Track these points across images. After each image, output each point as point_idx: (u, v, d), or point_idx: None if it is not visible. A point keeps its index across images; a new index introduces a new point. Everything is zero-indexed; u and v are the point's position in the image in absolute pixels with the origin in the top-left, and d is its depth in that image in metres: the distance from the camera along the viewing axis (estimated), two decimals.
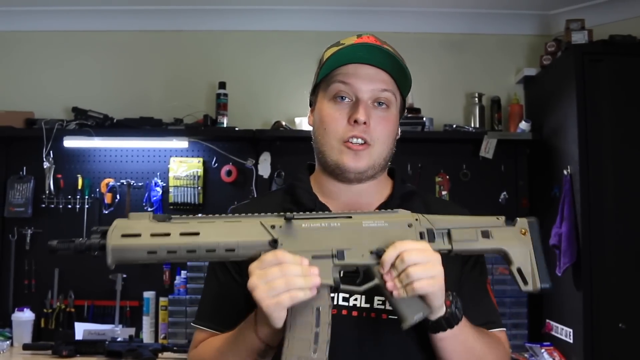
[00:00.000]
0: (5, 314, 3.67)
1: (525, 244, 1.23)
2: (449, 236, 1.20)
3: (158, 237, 1.12)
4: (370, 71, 1.34)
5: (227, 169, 3.81)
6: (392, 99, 1.37)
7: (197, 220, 1.14)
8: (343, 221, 1.18)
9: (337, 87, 1.35)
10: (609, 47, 3.27)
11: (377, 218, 1.19)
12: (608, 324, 3.06)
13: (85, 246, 1.17)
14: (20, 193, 3.77)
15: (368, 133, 1.33)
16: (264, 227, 1.15)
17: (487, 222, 1.23)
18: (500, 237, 1.22)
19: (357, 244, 1.16)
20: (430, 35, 3.97)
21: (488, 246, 1.22)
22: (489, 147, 3.67)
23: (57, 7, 3.88)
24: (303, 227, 1.16)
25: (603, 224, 3.13)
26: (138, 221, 1.14)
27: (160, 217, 1.14)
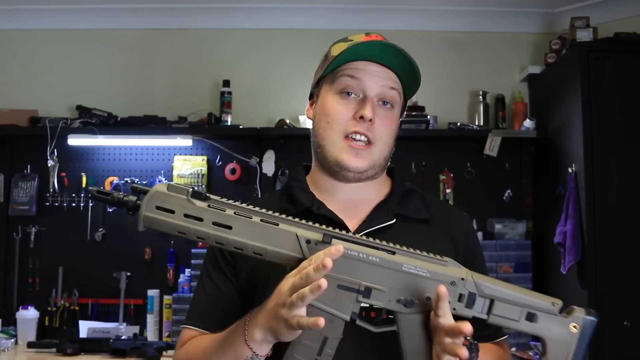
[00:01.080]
0: (10, 312, 3.68)
1: (570, 342, 1.11)
2: (490, 306, 1.10)
3: (190, 220, 1.09)
4: (378, 69, 1.33)
5: (231, 167, 3.81)
6: (397, 99, 1.36)
7: (234, 210, 1.10)
8: (383, 256, 1.09)
9: (346, 82, 1.33)
10: (614, 45, 3.27)
11: (421, 264, 1.10)
12: (613, 322, 3.05)
13: (122, 202, 1.12)
14: (24, 191, 3.77)
15: (372, 131, 1.31)
16: (298, 241, 1.09)
17: (540, 302, 1.11)
18: (546, 325, 1.11)
19: (389, 286, 1.08)
20: (435, 34, 3.96)
21: (528, 329, 1.11)
22: (493, 145, 3.66)
23: (62, 6, 3.88)
24: None
25: (608, 222, 3.12)
26: (176, 195, 1.10)
27: (199, 194, 1.11)
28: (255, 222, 1.09)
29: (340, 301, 1.08)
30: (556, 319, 1.11)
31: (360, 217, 1.36)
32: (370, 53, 1.32)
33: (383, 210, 1.36)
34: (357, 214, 1.36)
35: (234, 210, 1.10)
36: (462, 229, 1.43)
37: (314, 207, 1.35)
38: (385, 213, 1.35)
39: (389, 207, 1.36)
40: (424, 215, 1.39)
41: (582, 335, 1.11)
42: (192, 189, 1.11)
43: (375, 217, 1.35)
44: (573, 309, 1.12)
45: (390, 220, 1.34)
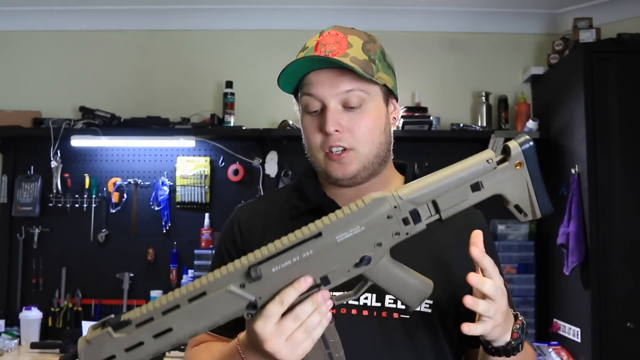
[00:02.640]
0: (13, 312, 3.69)
1: (521, 177, 1.09)
2: (436, 207, 1.07)
3: (134, 350, 1.01)
4: (331, 74, 1.28)
5: (234, 168, 3.81)
6: (363, 96, 1.28)
7: (160, 312, 1.01)
8: (315, 244, 1.03)
9: (305, 100, 1.32)
10: (617, 46, 3.26)
11: (350, 225, 1.04)
12: (616, 323, 3.05)
13: None
14: (27, 192, 3.78)
15: (344, 139, 1.27)
16: (234, 294, 1.01)
17: (476, 170, 1.09)
18: (493, 183, 1.09)
19: (339, 261, 1.04)
20: (437, 34, 3.96)
21: (481, 198, 1.08)
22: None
23: (65, 7, 3.90)
24: (274, 272, 1.02)
25: (611, 223, 3.11)
26: (100, 340, 1.01)
27: (119, 323, 1.02)
28: (186, 308, 1.01)
29: None
30: (499, 171, 1.09)
31: None
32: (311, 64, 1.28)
33: None
34: None
35: (161, 311, 1.02)
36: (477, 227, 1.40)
37: (325, 205, 1.34)
38: None
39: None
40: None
41: (529, 166, 1.09)
42: (111, 323, 1.02)
43: None
44: (507, 147, 1.09)
45: None
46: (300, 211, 1.36)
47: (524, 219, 1.11)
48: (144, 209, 3.83)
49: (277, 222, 1.38)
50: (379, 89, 1.32)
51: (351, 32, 1.32)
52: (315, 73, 1.29)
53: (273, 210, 1.41)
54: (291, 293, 1.00)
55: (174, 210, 3.82)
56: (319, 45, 1.29)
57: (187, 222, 3.81)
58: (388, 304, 1.27)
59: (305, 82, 1.31)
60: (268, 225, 1.38)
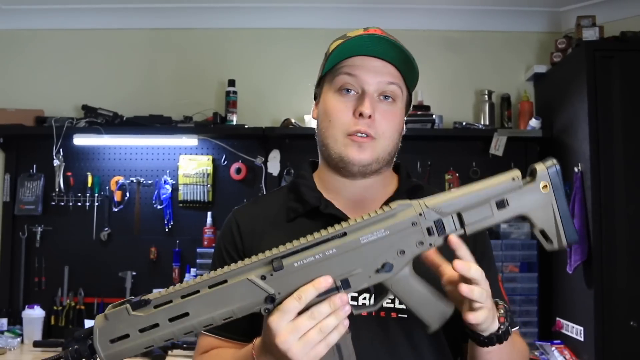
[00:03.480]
0: (16, 311, 3.69)
1: (547, 200, 1.07)
2: (461, 220, 1.06)
3: (148, 332, 1.03)
4: (377, 63, 1.31)
5: (236, 167, 3.81)
6: (399, 93, 1.33)
7: (180, 295, 1.04)
8: (338, 243, 1.04)
9: (343, 79, 1.32)
10: (620, 44, 3.25)
11: (375, 227, 1.05)
12: (619, 321, 3.04)
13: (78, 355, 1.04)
14: (30, 191, 3.79)
15: (373, 127, 1.30)
16: (254, 284, 1.03)
17: (501, 187, 1.07)
18: (518, 203, 1.07)
19: (361, 264, 1.04)
20: (440, 33, 3.96)
21: (506, 216, 1.08)
22: (499, 144, 3.65)
23: (67, 6, 3.89)
24: (296, 267, 1.03)
25: (614, 221, 3.11)
26: (118, 318, 1.03)
27: (138, 303, 1.03)
28: (205, 293, 1.03)
29: None
30: (525, 191, 1.08)
31: None
32: (365, 47, 1.30)
33: None
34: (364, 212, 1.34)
35: (180, 295, 1.04)
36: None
37: (322, 207, 1.34)
38: None
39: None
40: None
41: (555, 189, 1.08)
42: (130, 302, 1.03)
43: None
44: (533, 168, 1.08)
45: None
46: (297, 213, 1.37)
47: (549, 247, 1.09)
48: (146, 208, 3.83)
49: (274, 224, 1.38)
50: (407, 93, 1.38)
51: (392, 36, 1.35)
52: (361, 58, 1.32)
53: (270, 212, 1.41)
54: (310, 291, 1.00)
55: (176, 208, 3.82)
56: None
57: (190, 221, 3.82)
58: (386, 303, 1.26)
59: (347, 64, 1.32)
60: (266, 227, 1.38)
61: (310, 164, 1.47)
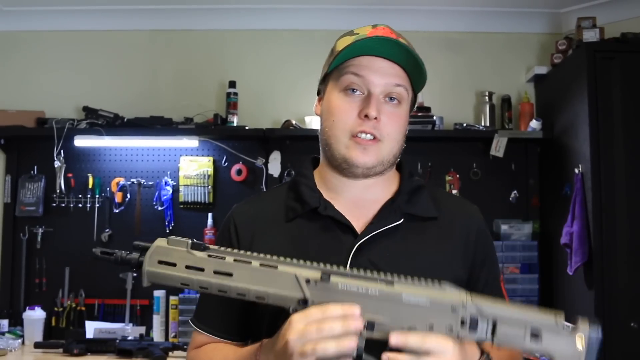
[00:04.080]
0: (17, 312, 3.69)
1: (577, 356, 1.09)
2: (494, 328, 1.07)
3: (192, 271, 1.11)
4: (384, 64, 1.29)
5: (237, 168, 3.81)
6: (404, 95, 1.32)
7: (233, 258, 1.11)
8: (382, 288, 1.08)
9: (349, 79, 1.30)
10: (620, 45, 3.26)
11: (420, 293, 1.08)
12: (620, 323, 3.04)
13: (126, 260, 1.17)
14: (31, 192, 3.79)
15: (378, 129, 1.28)
16: (298, 282, 1.08)
17: (542, 320, 1.09)
18: (551, 342, 1.08)
19: (391, 318, 1.07)
20: (441, 34, 3.96)
21: (534, 347, 1.08)
22: (499, 145, 3.65)
23: (68, 7, 3.90)
24: (339, 288, 1.07)
25: (614, 222, 3.11)
26: (176, 248, 1.13)
27: (198, 245, 1.12)
28: (254, 267, 1.10)
29: None
30: (561, 335, 1.09)
31: (367, 217, 1.34)
32: (373, 48, 1.29)
33: (391, 210, 1.34)
34: (365, 214, 1.34)
35: (234, 258, 1.11)
36: (473, 224, 1.40)
37: (321, 208, 1.33)
38: (393, 213, 1.33)
39: (397, 206, 1.34)
40: (432, 213, 1.36)
41: (589, 351, 1.10)
42: (192, 241, 1.13)
43: (383, 217, 1.33)
44: (577, 321, 1.11)
45: (398, 221, 1.32)
46: (296, 213, 1.36)
47: None
48: (147, 209, 3.83)
49: (273, 223, 1.37)
50: (411, 94, 1.36)
51: (400, 36, 1.34)
52: (368, 58, 1.30)
53: (269, 210, 1.40)
54: (336, 310, 1.02)
55: (177, 210, 3.83)
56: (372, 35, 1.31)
57: (191, 222, 3.82)
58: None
59: (353, 63, 1.30)
60: (263, 226, 1.38)
61: (312, 161, 1.45)
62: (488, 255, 1.40)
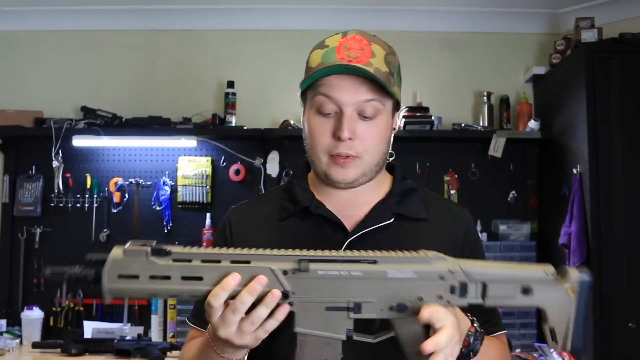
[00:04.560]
0: (15, 312, 3.68)
1: (568, 305, 1.11)
2: (484, 290, 1.09)
3: (157, 281, 1.03)
4: (354, 81, 1.26)
5: (235, 168, 3.81)
6: (379, 107, 1.29)
7: (200, 259, 1.04)
8: (366, 268, 1.06)
9: (320, 101, 1.29)
10: (619, 46, 3.26)
11: (406, 266, 1.07)
12: (618, 323, 3.04)
13: (81, 277, 1.08)
14: (29, 192, 3.78)
15: (353, 147, 1.28)
16: (275, 276, 1.04)
17: (532, 274, 1.11)
18: (542, 295, 1.10)
19: (378, 296, 1.06)
20: (439, 34, 3.96)
21: (524, 303, 1.10)
22: (497, 146, 3.66)
23: (66, 7, 3.89)
24: (319, 275, 1.05)
25: (613, 223, 3.11)
26: (135, 258, 1.04)
27: (159, 250, 1.04)
28: (225, 266, 1.04)
29: (332, 322, 1.06)
30: (551, 286, 1.11)
31: (358, 216, 1.36)
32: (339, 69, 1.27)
33: (381, 210, 1.36)
34: (356, 213, 1.37)
35: (201, 259, 1.04)
36: (462, 226, 1.42)
37: (312, 207, 1.36)
38: (384, 212, 1.35)
39: (388, 206, 1.36)
40: (422, 214, 1.39)
41: (580, 297, 1.11)
42: (152, 247, 1.04)
43: (373, 216, 1.35)
44: (566, 272, 1.12)
45: (388, 220, 1.34)
46: (289, 213, 1.39)
47: (553, 346, 1.12)
48: (145, 209, 3.83)
49: (267, 222, 1.40)
50: (392, 103, 1.34)
51: (374, 40, 1.32)
52: (337, 77, 1.27)
53: (265, 211, 1.43)
54: (230, 283, 1.03)
55: (175, 210, 3.82)
56: (341, 48, 1.29)
57: (189, 222, 3.81)
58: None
59: (323, 83, 1.29)
60: (258, 226, 1.41)
61: (306, 164, 1.46)
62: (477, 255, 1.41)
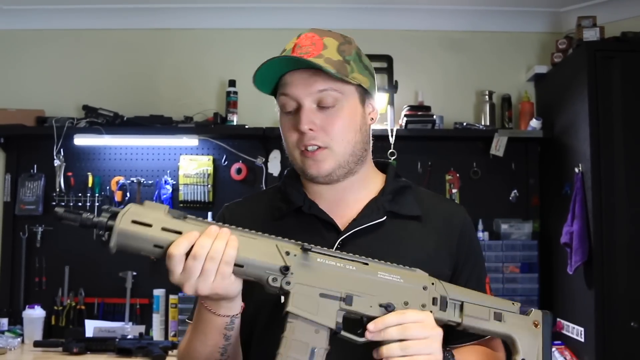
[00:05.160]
0: (17, 311, 3.69)
1: (536, 337, 1.18)
2: (461, 309, 1.16)
3: (168, 233, 1.06)
4: (304, 74, 1.31)
5: (237, 167, 3.81)
6: (336, 95, 1.30)
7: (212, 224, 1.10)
8: (359, 266, 1.13)
9: (282, 100, 1.34)
10: (621, 44, 3.26)
11: (393, 272, 1.15)
12: (620, 322, 3.04)
13: (92, 222, 1.08)
14: (31, 191, 3.79)
15: (318, 138, 1.30)
16: (279, 251, 1.10)
17: (501, 305, 1.19)
18: (512, 324, 1.18)
19: (368, 292, 1.12)
20: (441, 33, 3.95)
21: (498, 329, 1.18)
22: (499, 145, 3.65)
23: (68, 6, 3.89)
24: (318, 262, 1.11)
25: (614, 222, 3.11)
26: (152, 210, 1.07)
27: (176, 213, 1.08)
28: (235, 234, 1.09)
29: (324, 310, 1.09)
30: (519, 317, 1.19)
31: (350, 215, 1.36)
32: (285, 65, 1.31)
33: (373, 208, 1.36)
34: (348, 212, 1.37)
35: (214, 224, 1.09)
36: (457, 224, 1.41)
37: (305, 207, 1.36)
38: (376, 211, 1.35)
39: (380, 204, 1.36)
40: (416, 211, 1.38)
41: (544, 330, 1.19)
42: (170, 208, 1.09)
43: (365, 215, 1.35)
44: (530, 310, 1.21)
45: (380, 218, 1.34)
46: (282, 212, 1.39)
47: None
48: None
49: (261, 222, 1.38)
50: (355, 89, 1.34)
51: (327, 34, 1.36)
52: (290, 74, 1.32)
53: (258, 210, 1.44)
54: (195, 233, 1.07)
55: (177, 208, 3.81)
56: (295, 48, 1.34)
57: None
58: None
59: (281, 83, 1.34)
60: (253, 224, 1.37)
61: None
62: (472, 256, 1.41)
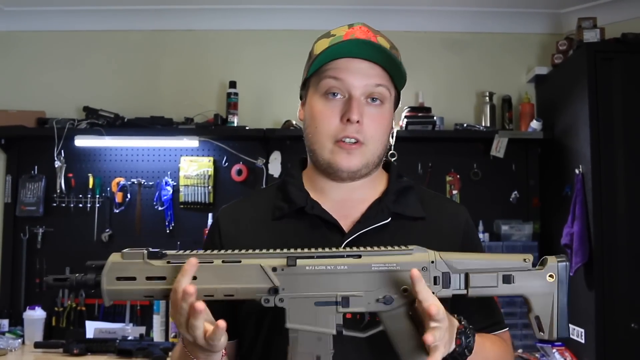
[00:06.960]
0: (17, 312, 3.69)
1: (550, 291, 1.15)
2: (467, 280, 1.12)
3: (153, 281, 1.09)
4: (362, 65, 1.28)
5: (237, 168, 3.81)
6: (386, 94, 1.31)
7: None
8: (351, 262, 1.11)
9: (329, 83, 1.29)
10: (621, 46, 3.25)
11: (388, 259, 1.11)
12: (620, 324, 3.04)
13: (82, 283, 1.13)
14: (31, 192, 3.79)
15: (361, 132, 1.28)
16: (264, 272, 1.09)
17: (512, 263, 1.14)
18: (523, 283, 1.14)
19: (365, 289, 1.10)
20: (441, 34, 3.95)
21: (508, 292, 1.13)
22: (500, 146, 3.65)
23: (69, 7, 3.89)
24: (307, 270, 1.10)
25: (615, 223, 3.11)
26: (132, 261, 1.10)
27: (155, 253, 1.11)
28: (217, 265, 1.10)
29: (322, 317, 1.09)
30: (531, 273, 1.14)
31: (354, 216, 1.35)
32: (351, 50, 1.28)
33: (378, 209, 1.34)
34: (352, 213, 1.35)
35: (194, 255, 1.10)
36: (460, 224, 1.41)
37: (308, 207, 1.34)
38: (380, 212, 1.34)
39: (384, 205, 1.35)
40: (419, 213, 1.37)
41: (560, 282, 1.15)
42: (148, 251, 1.11)
43: (370, 216, 1.33)
44: (545, 260, 1.15)
45: (385, 220, 1.33)
46: (283, 212, 1.36)
47: (539, 336, 1.15)
48: (147, 209, 3.83)
49: (260, 222, 1.38)
50: (395, 94, 1.35)
51: (378, 33, 1.33)
52: (347, 60, 1.29)
53: (257, 210, 1.41)
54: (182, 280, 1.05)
55: (177, 210, 3.82)
56: (349, 36, 1.29)
57: (191, 222, 3.82)
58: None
59: (332, 67, 1.29)
60: (250, 226, 1.38)
61: (300, 162, 1.46)
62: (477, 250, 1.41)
